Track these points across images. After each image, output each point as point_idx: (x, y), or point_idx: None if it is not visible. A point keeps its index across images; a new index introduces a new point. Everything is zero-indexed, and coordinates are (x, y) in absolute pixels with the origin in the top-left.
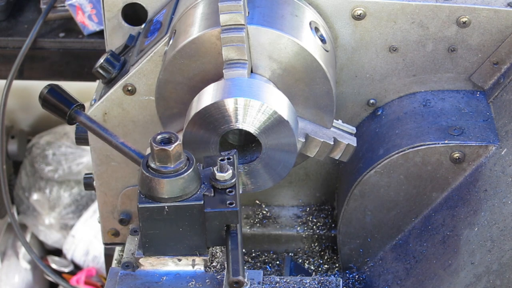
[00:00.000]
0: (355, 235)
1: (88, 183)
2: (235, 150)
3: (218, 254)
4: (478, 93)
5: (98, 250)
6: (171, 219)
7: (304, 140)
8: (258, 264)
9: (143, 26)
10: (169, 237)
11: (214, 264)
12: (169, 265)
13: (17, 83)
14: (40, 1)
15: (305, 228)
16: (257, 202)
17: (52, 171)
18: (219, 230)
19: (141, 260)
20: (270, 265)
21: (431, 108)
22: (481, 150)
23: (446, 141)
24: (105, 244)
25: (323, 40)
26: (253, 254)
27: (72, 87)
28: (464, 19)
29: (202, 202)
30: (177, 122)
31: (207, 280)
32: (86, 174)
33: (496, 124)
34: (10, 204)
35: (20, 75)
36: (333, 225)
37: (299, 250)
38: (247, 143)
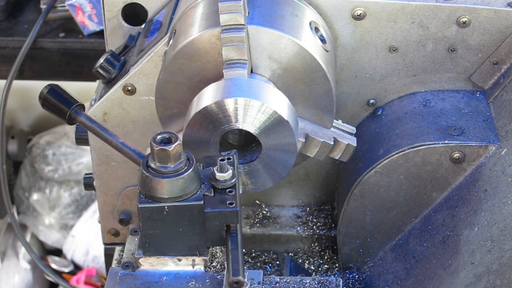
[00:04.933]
0: (355, 235)
1: (88, 183)
2: (235, 150)
3: (218, 254)
4: (478, 93)
5: (98, 250)
6: (171, 219)
7: (304, 140)
8: (258, 264)
9: (143, 26)
10: (169, 237)
11: (214, 264)
12: (169, 265)
13: (17, 83)
14: (40, 1)
15: (305, 228)
16: (257, 202)
17: (52, 171)
18: (219, 230)
19: (141, 260)
20: (270, 265)
21: (431, 108)
22: (481, 150)
23: (446, 141)
24: (105, 244)
25: (323, 40)
26: (253, 254)
27: (72, 87)
28: (464, 19)
29: (202, 202)
30: (177, 122)
31: (207, 280)
32: (86, 174)
33: (496, 124)
34: (10, 204)
35: (20, 75)
36: (333, 225)
37: (299, 250)
38: (247, 143)
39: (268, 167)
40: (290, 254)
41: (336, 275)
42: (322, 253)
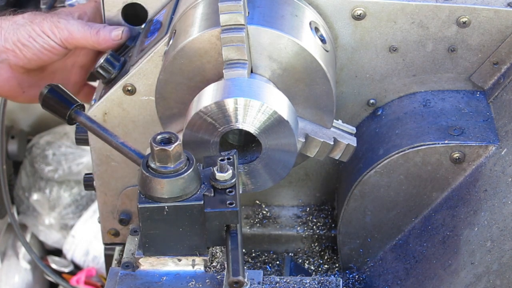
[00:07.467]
0: (355, 235)
1: (88, 183)
2: (235, 150)
3: (218, 254)
4: (478, 93)
5: (98, 250)
6: (171, 219)
7: (304, 140)
8: (258, 264)
9: (143, 26)
10: (169, 237)
11: (214, 264)
12: (169, 265)
13: None
14: (40, 1)
15: (305, 228)
16: (257, 202)
17: (52, 171)
18: (219, 230)
19: (141, 260)
20: (270, 265)
21: (431, 108)
22: (481, 150)
23: (446, 141)
24: (105, 244)
25: (323, 40)
26: (253, 254)
27: None
28: (464, 19)
29: (202, 202)
30: (177, 122)
31: (207, 280)
32: (86, 174)
33: (496, 124)
34: (10, 204)
35: None
36: (333, 225)
37: (299, 250)
38: (247, 143)
39: (268, 167)
40: (290, 254)
41: (336, 275)
42: (322, 253)
